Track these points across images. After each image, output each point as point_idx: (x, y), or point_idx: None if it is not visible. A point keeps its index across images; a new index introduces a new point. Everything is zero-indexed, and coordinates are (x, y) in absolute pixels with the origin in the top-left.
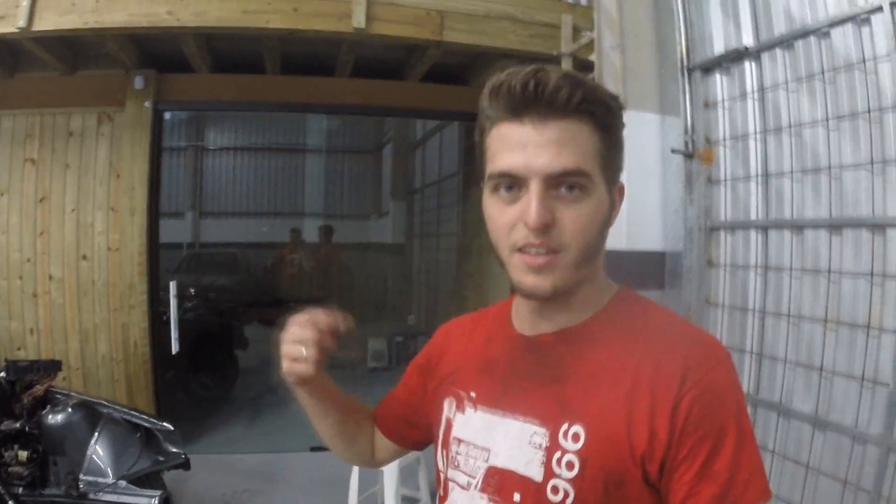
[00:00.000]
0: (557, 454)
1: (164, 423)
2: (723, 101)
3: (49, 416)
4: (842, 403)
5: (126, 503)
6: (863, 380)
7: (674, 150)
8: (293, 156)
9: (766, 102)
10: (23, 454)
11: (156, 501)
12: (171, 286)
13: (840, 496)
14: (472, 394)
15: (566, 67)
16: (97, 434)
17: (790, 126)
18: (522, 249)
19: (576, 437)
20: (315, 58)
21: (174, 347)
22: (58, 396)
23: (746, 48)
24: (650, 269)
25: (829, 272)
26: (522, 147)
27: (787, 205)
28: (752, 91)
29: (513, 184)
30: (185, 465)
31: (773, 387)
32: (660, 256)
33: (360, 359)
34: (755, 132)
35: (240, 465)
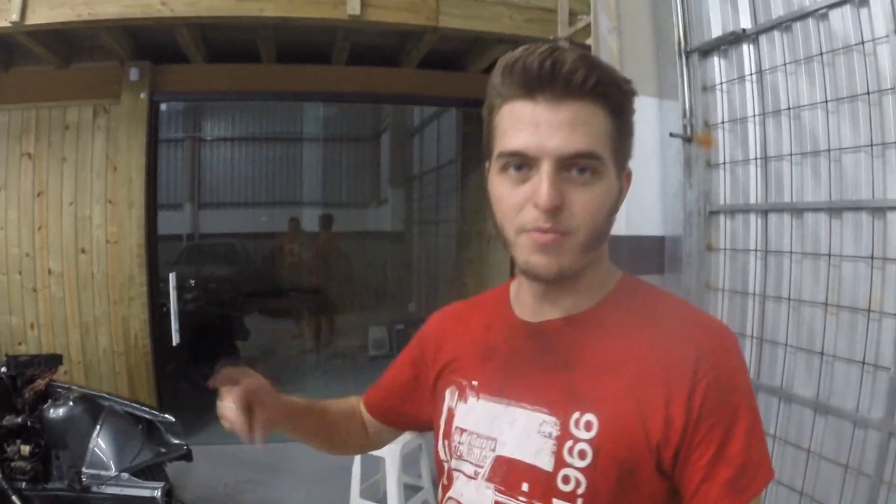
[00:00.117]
0: (569, 443)
1: (166, 415)
2: (721, 85)
3: (51, 410)
4: (843, 388)
5: (129, 495)
6: (864, 364)
7: (672, 134)
8: (291, 145)
9: (765, 85)
10: (25, 449)
11: (158, 493)
12: (171, 278)
13: (841, 481)
14: (474, 382)
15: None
16: (99, 427)
17: (789, 109)
18: (530, 231)
19: (588, 426)
20: (310, 46)
21: (175, 339)
22: (59, 390)
23: (744, 31)
24: (649, 254)
25: (830, 256)
26: (535, 126)
27: (787, 188)
28: (751, 74)
29: (523, 163)
30: (188, 457)
31: (774, 371)
32: (659, 241)
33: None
34: (754, 115)
35: (242, 456)
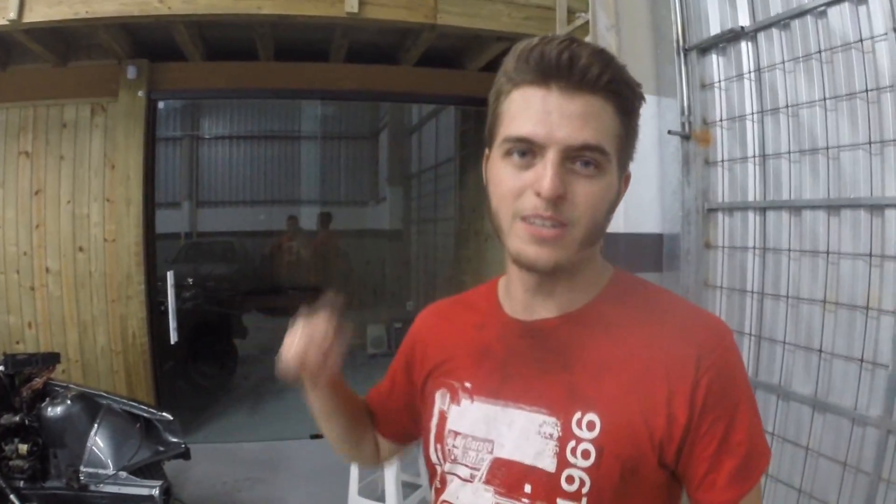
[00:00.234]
0: (571, 443)
1: (164, 413)
2: (719, 82)
3: (48, 409)
4: (841, 385)
5: (127, 494)
6: (862, 361)
7: (670, 132)
8: (289, 143)
9: (763, 83)
10: (23, 447)
11: (156, 492)
12: (169, 276)
13: (840, 478)
14: (468, 384)
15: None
16: (97, 426)
17: (787, 106)
18: (527, 219)
19: (591, 426)
20: (308, 44)
21: (173, 337)
22: (57, 389)
23: (742, 28)
24: (648, 252)
25: (828, 253)
26: (546, 114)
27: (785, 186)
28: (749, 71)
29: (528, 150)
30: (186, 455)
31: (773, 369)
32: (657, 239)
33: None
34: (752, 113)
35: (241, 454)
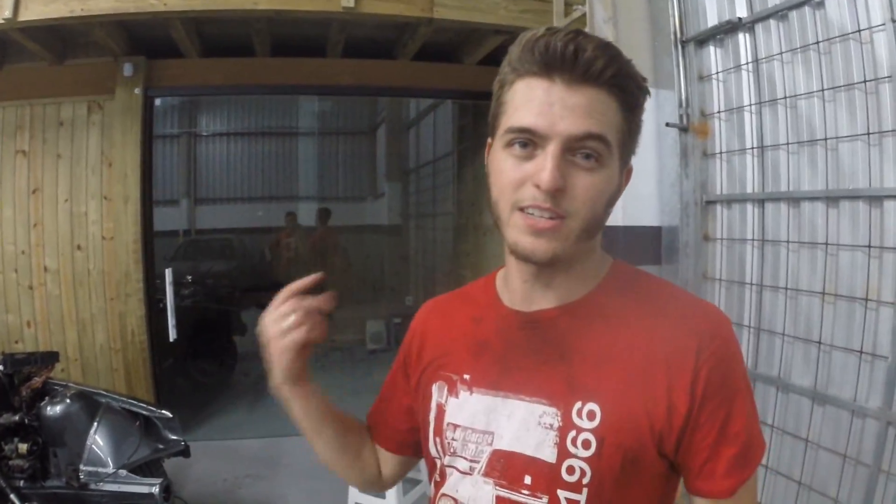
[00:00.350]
0: (572, 433)
1: (163, 411)
2: (717, 74)
3: (48, 408)
4: (840, 377)
5: (127, 492)
6: (861, 353)
7: (668, 124)
8: (287, 139)
9: (761, 74)
10: (23, 447)
11: (156, 489)
12: (167, 273)
13: (840, 470)
14: (466, 376)
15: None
16: (96, 424)
17: (785, 98)
18: (526, 210)
19: (591, 415)
20: (305, 39)
21: (172, 335)
22: (56, 388)
23: (740, 19)
24: (646, 245)
25: (827, 245)
26: (549, 106)
27: (784, 177)
28: (747, 63)
29: (529, 141)
30: (185, 453)
31: (772, 361)
32: (656, 231)
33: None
34: (750, 104)
35: (241, 451)
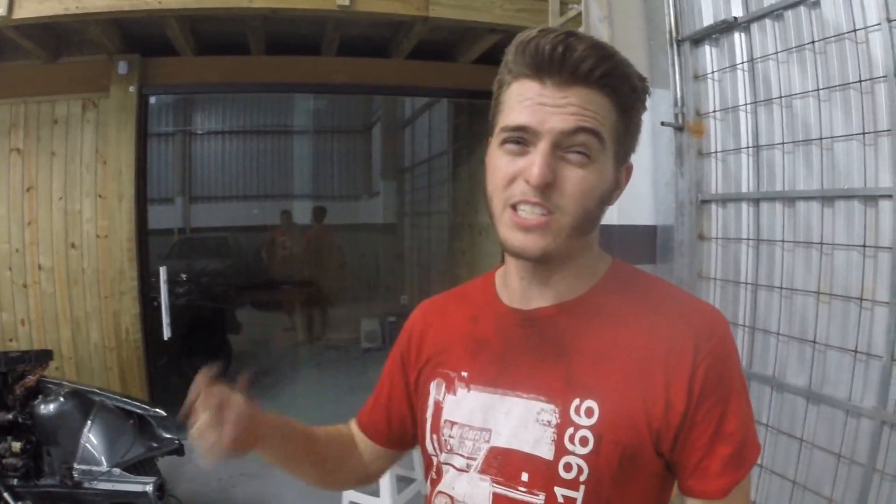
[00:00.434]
0: (570, 430)
1: (157, 410)
2: (712, 73)
3: (41, 406)
4: (835, 377)
5: (121, 490)
6: (856, 352)
7: (664, 123)
8: (282, 137)
9: (757, 74)
10: (16, 445)
11: (150, 488)
12: (162, 272)
13: (834, 470)
14: (464, 374)
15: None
16: (90, 422)
17: (781, 97)
18: (516, 206)
19: (589, 412)
20: (300, 37)
21: (166, 333)
22: (50, 386)
23: (736, 19)
24: (641, 244)
25: (822, 244)
26: (540, 105)
27: (779, 177)
28: (742, 62)
29: (522, 139)
30: (180, 451)
31: (766, 360)
32: (651, 230)
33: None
34: (745, 104)
35: None
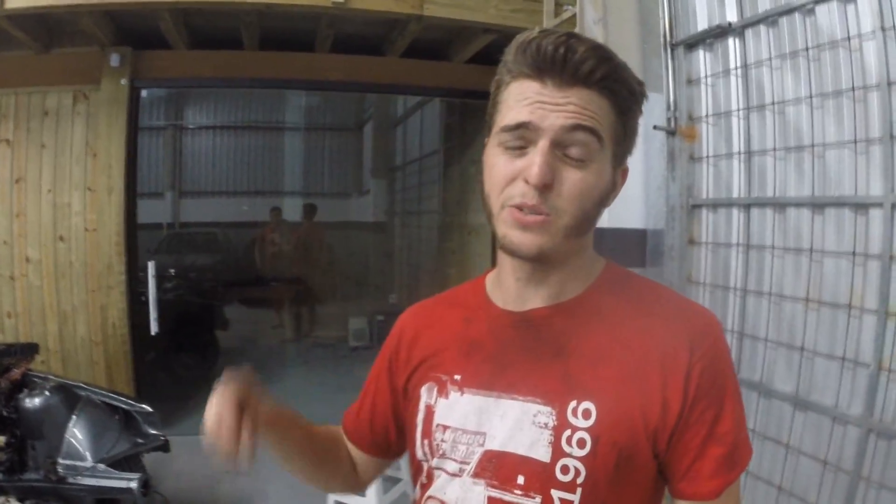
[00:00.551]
0: (567, 432)
1: (143, 405)
2: (706, 78)
3: (27, 400)
4: (822, 383)
5: (105, 486)
6: (844, 360)
7: (656, 127)
8: (273, 134)
9: (750, 79)
10: (0, 439)
11: (135, 484)
12: (150, 266)
13: (820, 476)
14: (457, 377)
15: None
16: (75, 417)
17: (773, 103)
18: (515, 206)
19: (586, 414)
20: (294, 33)
21: (154, 328)
22: (35, 380)
23: (730, 24)
24: (631, 247)
25: (811, 251)
26: (541, 104)
27: (770, 183)
28: (736, 68)
29: (521, 139)
30: (165, 448)
31: (754, 366)
32: (641, 234)
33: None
34: (738, 109)
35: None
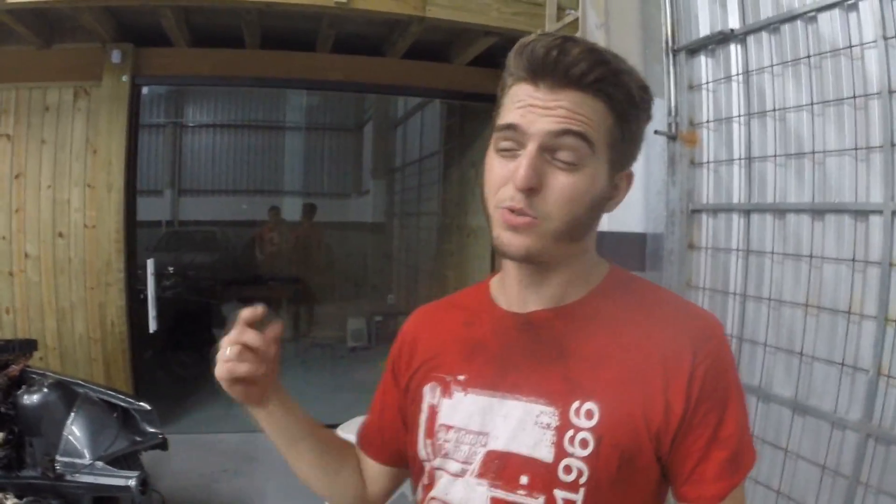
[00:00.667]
0: (570, 433)
1: (142, 403)
2: (707, 84)
3: (25, 397)
4: (821, 389)
5: (103, 484)
6: (843, 365)
7: (657, 132)
8: (273, 133)
9: (751, 86)
10: None
11: (133, 482)
12: (149, 264)
13: (818, 481)
14: (461, 377)
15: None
16: (73, 414)
17: (774, 110)
18: (504, 208)
19: (589, 415)
20: (295, 33)
21: (152, 326)
22: (34, 376)
23: (732, 31)
24: (631, 251)
25: (811, 257)
26: (531, 107)
27: (770, 189)
28: (737, 74)
29: (513, 141)
30: (163, 446)
31: (753, 371)
32: (641, 238)
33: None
34: (739, 115)
35: (219, 445)
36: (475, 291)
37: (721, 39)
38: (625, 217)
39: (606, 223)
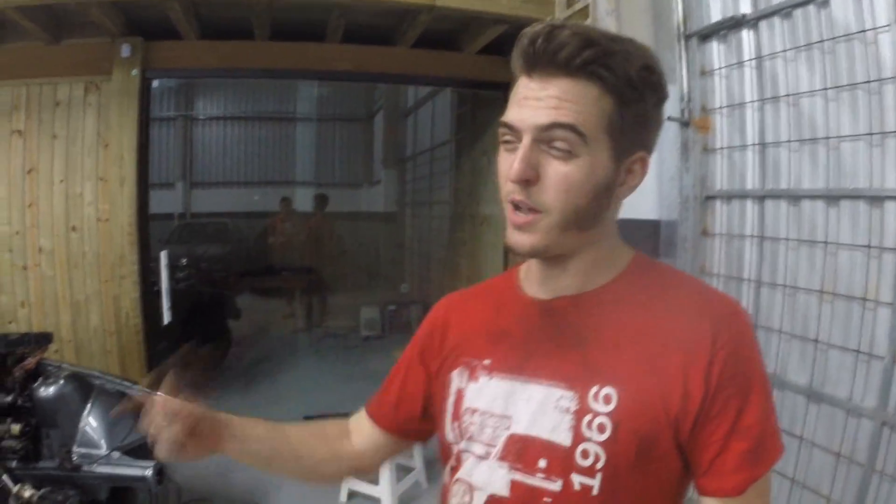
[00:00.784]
0: (588, 417)
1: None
2: (720, 70)
3: (41, 389)
4: (836, 376)
5: (120, 475)
6: (858, 352)
7: (670, 118)
8: (284, 124)
9: (764, 71)
10: (15, 428)
11: (149, 472)
12: (162, 256)
13: (833, 469)
14: (487, 361)
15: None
16: (89, 406)
17: (788, 95)
18: (510, 203)
19: (607, 399)
20: (305, 24)
21: (166, 318)
22: (49, 369)
23: (744, 16)
24: (645, 238)
25: (826, 243)
26: (525, 100)
27: (784, 175)
28: (750, 59)
29: (511, 134)
30: None
31: (768, 358)
32: (655, 225)
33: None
34: (752, 101)
35: None
36: (504, 279)
37: (733, 25)
38: (638, 204)
39: (620, 210)
